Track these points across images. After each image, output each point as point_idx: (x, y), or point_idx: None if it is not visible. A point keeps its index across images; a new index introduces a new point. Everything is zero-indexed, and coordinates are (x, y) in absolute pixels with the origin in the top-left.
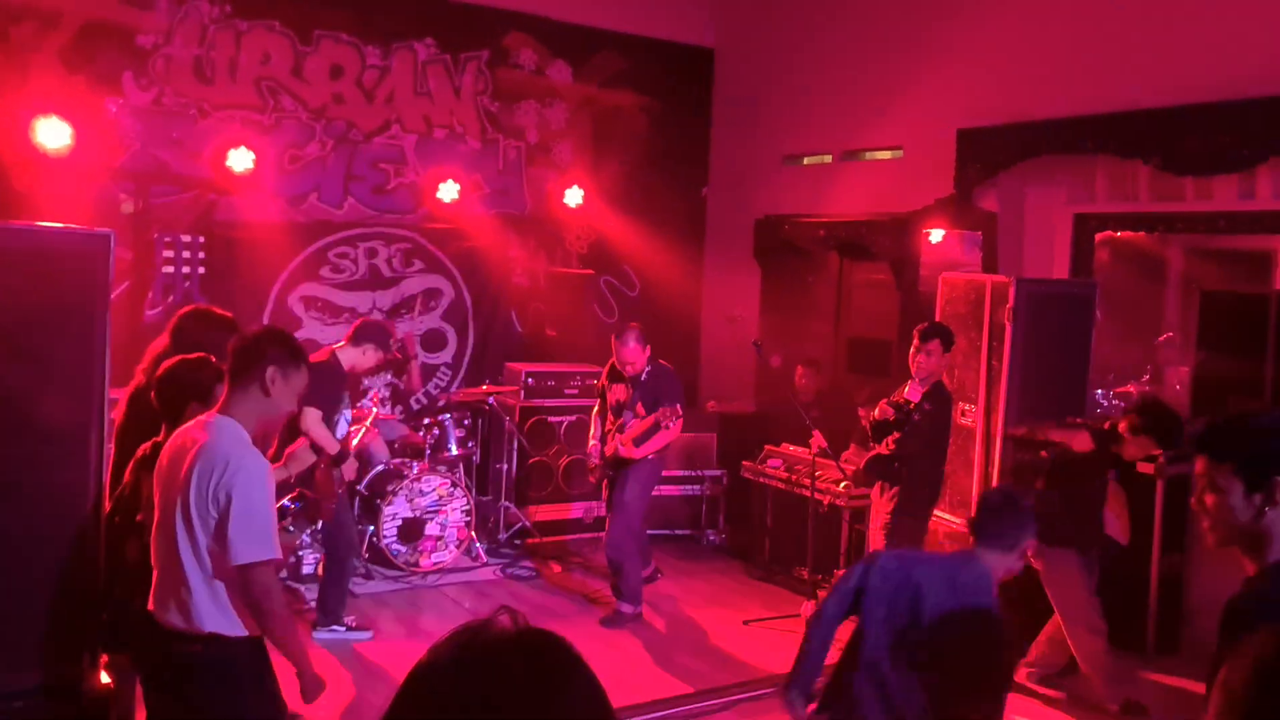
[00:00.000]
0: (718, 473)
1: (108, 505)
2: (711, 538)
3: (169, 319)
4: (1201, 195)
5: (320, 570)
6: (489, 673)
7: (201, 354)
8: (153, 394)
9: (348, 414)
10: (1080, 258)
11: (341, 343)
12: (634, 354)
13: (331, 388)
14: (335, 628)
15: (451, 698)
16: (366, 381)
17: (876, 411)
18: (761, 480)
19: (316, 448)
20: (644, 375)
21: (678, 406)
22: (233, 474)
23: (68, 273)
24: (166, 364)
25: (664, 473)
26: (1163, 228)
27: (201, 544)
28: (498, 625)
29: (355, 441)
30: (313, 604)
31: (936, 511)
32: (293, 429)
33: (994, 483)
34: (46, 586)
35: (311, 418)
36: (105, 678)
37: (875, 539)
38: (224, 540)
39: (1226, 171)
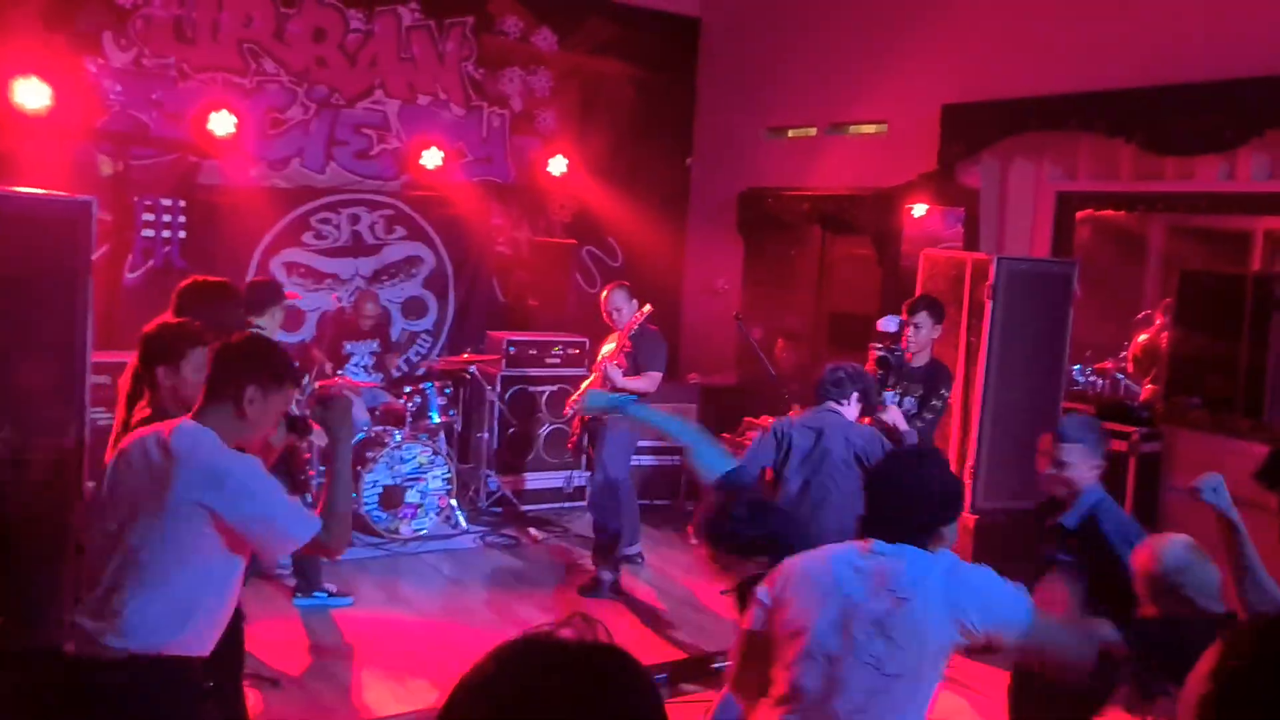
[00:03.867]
0: None
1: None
2: (689, 508)
3: (149, 283)
4: (1183, 175)
5: None
6: (537, 693)
7: (186, 319)
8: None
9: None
10: (1061, 236)
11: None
12: (614, 303)
13: None
14: (316, 594)
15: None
16: (349, 347)
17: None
18: (741, 453)
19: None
20: (631, 333)
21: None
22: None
23: (49, 239)
24: (149, 325)
25: (643, 443)
26: (1144, 207)
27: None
28: (558, 639)
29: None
30: (289, 572)
31: None
32: None
33: (969, 460)
34: (33, 549)
35: None
36: None
37: None
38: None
39: (1209, 152)
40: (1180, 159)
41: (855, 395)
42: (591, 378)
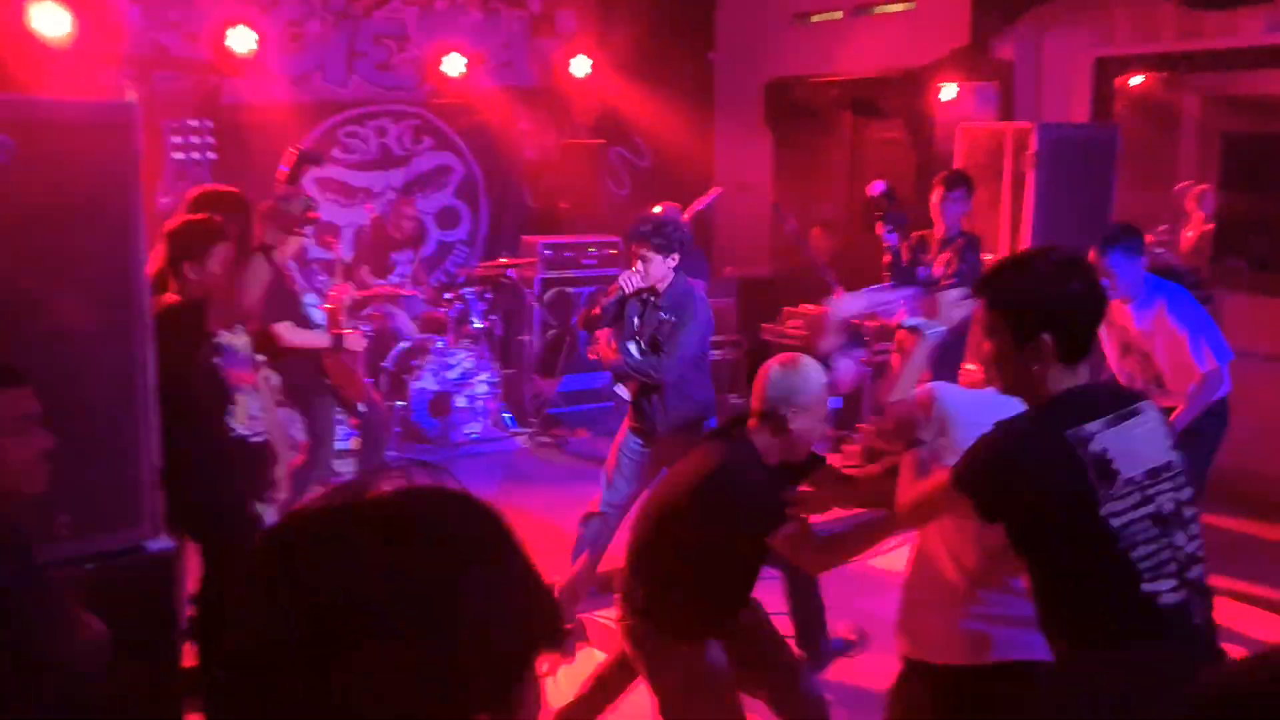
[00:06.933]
0: (737, 338)
1: None
2: (734, 400)
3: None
4: (1225, 30)
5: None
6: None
7: (206, 215)
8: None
9: (312, 298)
10: (1100, 104)
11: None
12: None
13: (278, 290)
14: None
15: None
16: (394, 257)
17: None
18: (783, 341)
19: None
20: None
21: None
22: None
23: (89, 150)
24: (171, 223)
25: None
26: (1185, 67)
27: None
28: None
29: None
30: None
31: None
32: (276, 350)
33: None
34: (109, 460)
35: (287, 332)
36: (167, 540)
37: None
38: None
39: (1251, 3)
40: (1222, 13)
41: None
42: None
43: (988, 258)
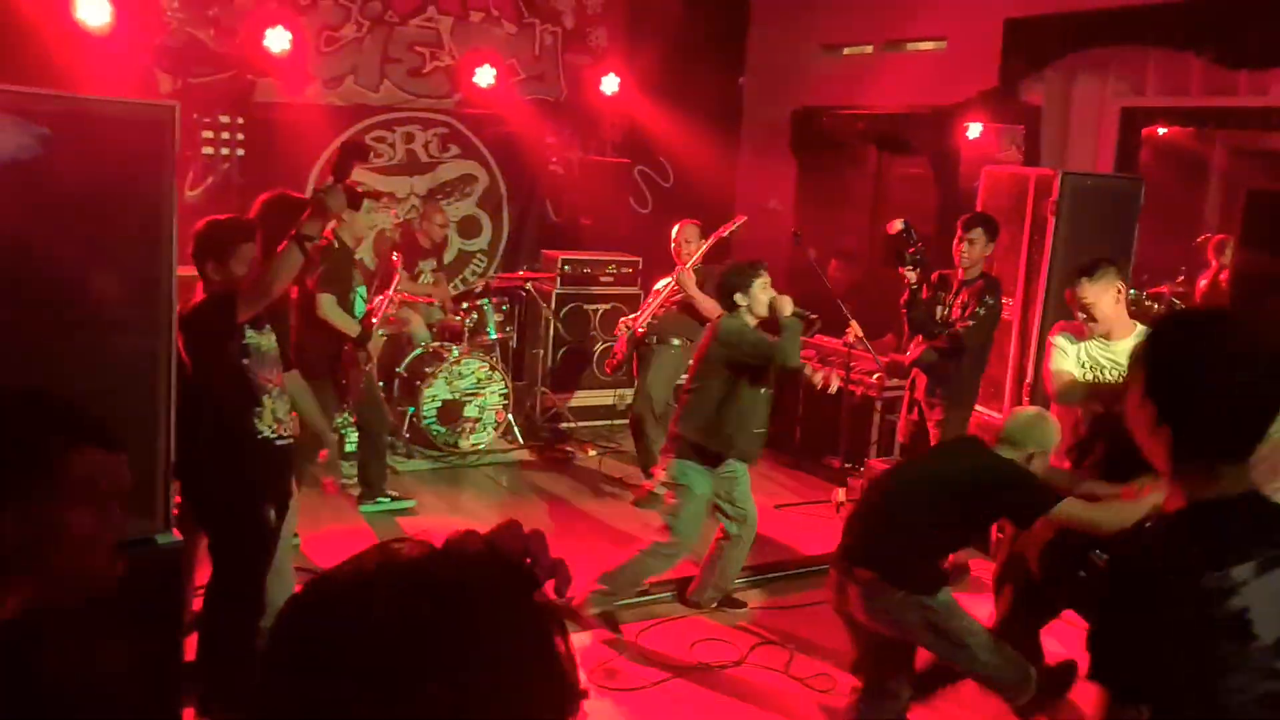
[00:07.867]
0: None
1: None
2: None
3: (210, 200)
4: (1256, 90)
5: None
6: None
7: (234, 215)
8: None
9: (363, 291)
10: (1126, 153)
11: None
12: (686, 237)
13: (340, 269)
14: (380, 499)
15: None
16: (421, 264)
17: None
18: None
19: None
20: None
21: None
22: None
23: (128, 147)
24: (200, 223)
25: None
26: (1213, 123)
27: None
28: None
29: (378, 317)
30: (354, 481)
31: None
32: (309, 319)
33: (1028, 378)
34: (126, 451)
35: (328, 305)
36: (177, 533)
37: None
38: None
39: None
40: (1253, 73)
41: None
42: (652, 304)
43: (1007, 301)
